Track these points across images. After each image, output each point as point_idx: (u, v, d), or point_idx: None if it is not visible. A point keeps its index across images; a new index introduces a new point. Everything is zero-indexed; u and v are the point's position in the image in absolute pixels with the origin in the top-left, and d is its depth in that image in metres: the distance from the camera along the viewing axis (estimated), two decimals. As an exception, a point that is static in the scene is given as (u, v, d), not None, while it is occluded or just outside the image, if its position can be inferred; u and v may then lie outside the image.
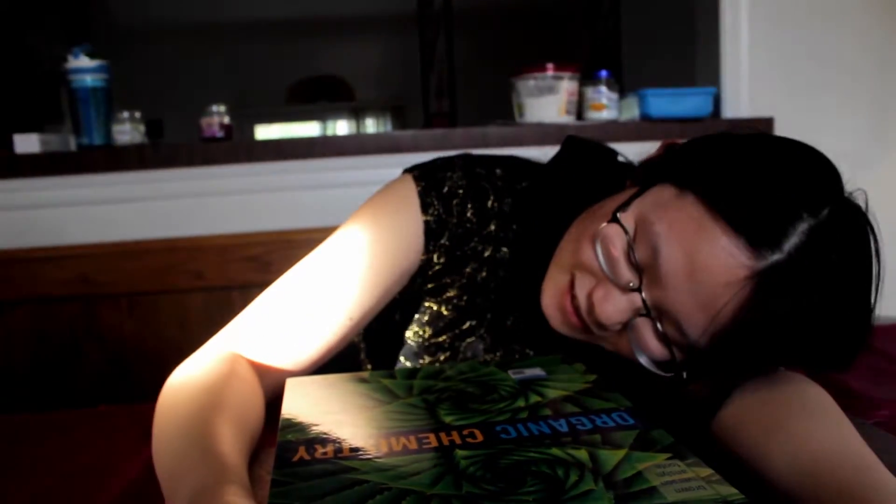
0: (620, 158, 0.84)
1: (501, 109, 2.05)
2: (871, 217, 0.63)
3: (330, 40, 5.88)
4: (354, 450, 0.53)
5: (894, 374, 0.86)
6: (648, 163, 0.75)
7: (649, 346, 0.66)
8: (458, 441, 0.54)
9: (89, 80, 1.67)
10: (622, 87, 1.82)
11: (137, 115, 1.71)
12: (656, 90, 1.74)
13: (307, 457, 0.52)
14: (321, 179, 1.68)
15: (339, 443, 0.54)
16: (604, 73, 1.79)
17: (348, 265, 0.77)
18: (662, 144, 0.74)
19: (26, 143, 1.65)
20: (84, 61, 1.66)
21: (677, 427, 0.56)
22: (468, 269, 0.83)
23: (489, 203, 0.83)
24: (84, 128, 1.69)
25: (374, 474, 0.49)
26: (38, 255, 1.65)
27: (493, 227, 0.83)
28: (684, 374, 0.65)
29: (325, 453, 0.53)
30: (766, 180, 0.61)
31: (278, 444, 0.54)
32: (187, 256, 1.64)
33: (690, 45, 1.97)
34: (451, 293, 0.84)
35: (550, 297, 0.73)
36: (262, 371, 0.74)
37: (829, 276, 0.59)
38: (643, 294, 0.65)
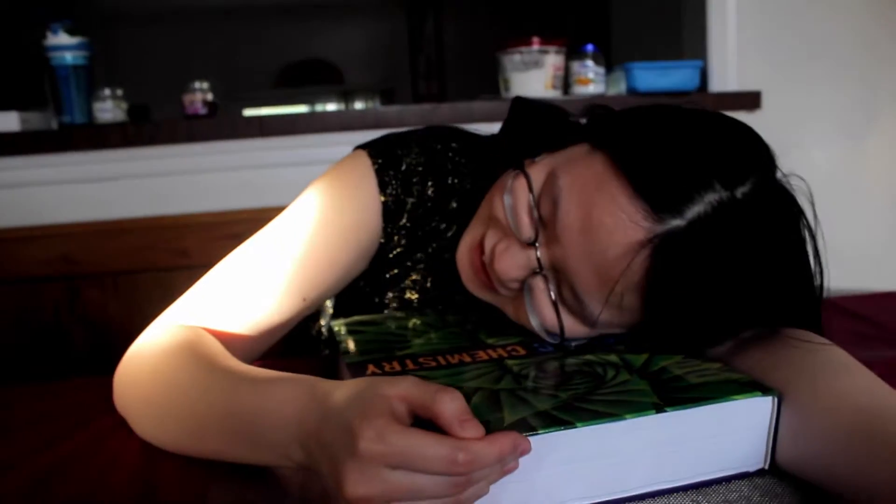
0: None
1: (491, 89, 2.04)
2: (803, 205, 0.61)
3: (318, 23, 5.82)
4: (418, 364, 0.61)
5: (879, 337, 0.86)
6: (568, 127, 0.74)
7: (542, 310, 0.64)
8: (504, 355, 0.64)
9: (69, 57, 1.65)
10: (609, 61, 1.81)
11: (119, 92, 1.69)
12: (643, 63, 1.72)
13: (378, 371, 0.60)
14: (306, 156, 1.66)
15: (403, 360, 0.63)
16: (590, 48, 1.77)
17: (303, 245, 0.74)
18: (587, 113, 0.73)
19: (6, 122, 1.63)
20: (64, 38, 1.64)
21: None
22: (430, 249, 0.82)
23: (449, 180, 0.81)
24: (65, 106, 1.66)
25: (442, 379, 0.57)
26: (19, 235, 1.63)
27: (454, 205, 0.81)
28: (572, 345, 0.65)
29: (392, 367, 0.61)
30: (681, 147, 0.59)
31: (348, 367, 0.62)
32: (171, 235, 1.63)
33: (677, 18, 1.96)
34: (415, 276, 0.83)
35: (463, 251, 0.72)
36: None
37: (731, 253, 0.57)
38: (538, 251, 0.63)
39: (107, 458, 0.62)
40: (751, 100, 1.73)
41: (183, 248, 1.63)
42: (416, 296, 0.82)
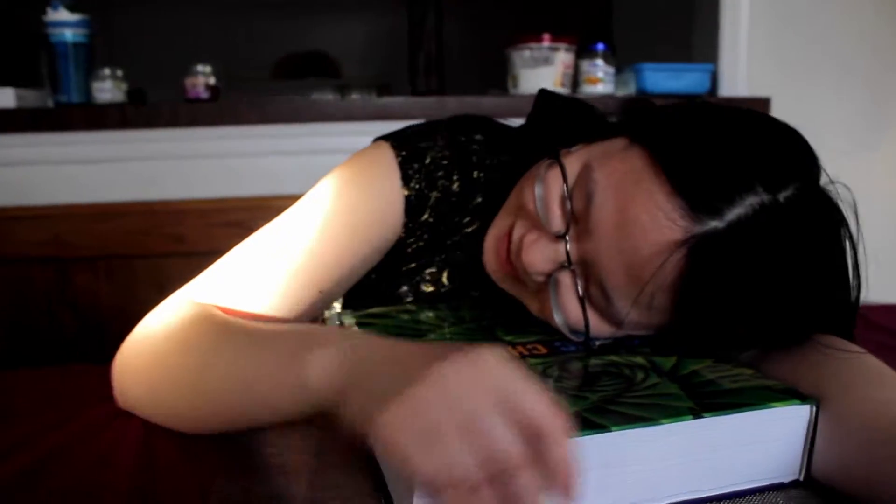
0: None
1: (491, 86, 2.01)
2: (847, 214, 0.58)
3: (317, 16, 5.77)
4: None
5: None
6: (605, 121, 0.71)
7: (567, 306, 0.62)
8: (525, 353, 0.61)
9: (69, 34, 1.60)
10: (618, 61, 1.78)
11: (119, 73, 1.65)
12: (654, 64, 1.70)
13: None
14: (307, 145, 1.63)
15: None
16: (600, 46, 1.75)
17: (322, 237, 0.70)
18: (626, 107, 0.71)
19: (1, 98, 1.58)
20: (64, 14, 1.60)
21: None
22: (450, 242, 0.79)
23: (474, 174, 0.78)
24: (62, 84, 1.62)
25: None
26: (9, 215, 1.59)
27: (479, 199, 0.78)
28: (596, 344, 0.63)
29: None
30: (723, 146, 0.57)
31: None
32: (167, 220, 1.59)
33: (687, 21, 1.93)
34: (432, 269, 0.80)
35: (490, 241, 0.69)
36: None
37: (769, 258, 0.55)
38: (569, 244, 0.61)
39: (100, 450, 0.59)
40: (760, 106, 1.71)
41: (179, 235, 1.60)
42: (432, 289, 0.79)
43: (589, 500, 0.47)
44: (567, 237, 0.61)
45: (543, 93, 0.81)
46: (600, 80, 1.76)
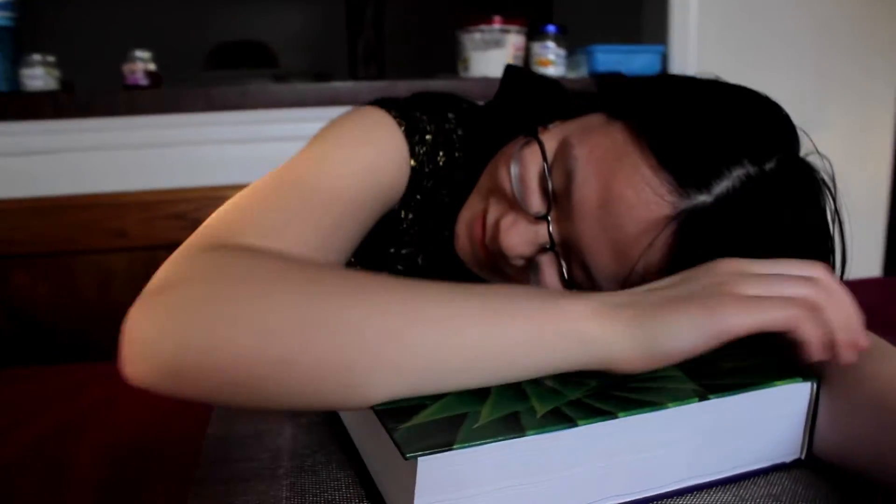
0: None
1: (434, 74, 1.98)
2: (827, 182, 0.58)
3: (250, 4, 5.64)
4: None
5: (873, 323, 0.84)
6: (581, 95, 0.69)
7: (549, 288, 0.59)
8: None
9: (-6, 18, 1.51)
10: (568, 43, 1.77)
11: (51, 59, 1.56)
12: (605, 46, 1.69)
13: None
14: (255, 132, 1.57)
15: None
16: (552, 29, 1.73)
17: (346, 186, 0.62)
18: (601, 82, 0.69)
19: (-78, 87, 1.49)
20: (-13, -3, 1.51)
21: None
22: (431, 223, 0.76)
23: (455, 153, 0.75)
24: (-12, 72, 1.53)
25: None
26: (-63, 212, 1.50)
27: (461, 178, 0.75)
28: None
29: None
30: (708, 118, 0.55)
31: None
32: (108, 214, 1.52)
33: (636, 2, 1.93)
34: (407, 251, 0.77)
35: (462, 225, 0.67)
36: None
37: (757, 231, 0.54)
38: (550, 225, 0.59)
39: (58, 461, 0.55)
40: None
41: (120, 229, 1.52)
42: (403, 269, 0.76)
43: (594, 489, 0.45)
44: (549, 218, 0.58)
45: (510, 69, 0.79)
46: (551, 62, 1.74)
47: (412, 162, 0.71)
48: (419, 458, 0.39)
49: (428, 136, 0.72)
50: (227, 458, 0.53)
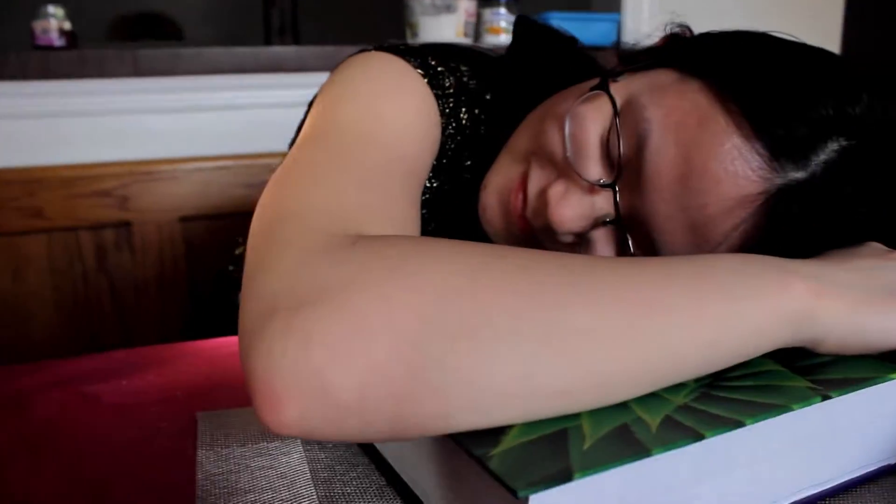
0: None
1: (387, 36, 1.86)
2: None
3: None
4: None
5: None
6: (645, 49, 0.61)
7: None
8: None
9: None
10: (521, 10, 1.69)
11: (-53, 16, 1.37)
12: (561, 14, 1.62)
13: None
14: (189, 101, 1.43)
15: None
16: (504, -6, 1.64)
17: (408, 166, 0.52)
18: (666, 35, 0.61)
19: None
20: None
21: None
22: (447, 187, 0.66)
23: (475, 110, 0.66)
24: None
25: None
26: None
27: (480, 141, 0.66)
28: None
29: None
30: (803, 83, 0.48)
31: None
32: (22, 191, 1.35)
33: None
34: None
35: (494, 193, 0.58)
36: None
37: (854, 209, 0.48)
38: (618, 195, 0.51)
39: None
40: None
41: (36, 208, 1.36)
42: None
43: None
44: (616, 188, 0.50)
45: (523, 20, 0.70)
46: (503, 29, 1.66)
47: (440, 119, 0.61)
48: (533, 495, 0.30)
49: (451, 90, 0.62)
50: (232, 488, 0.43)
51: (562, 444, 0.33)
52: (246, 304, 0.38)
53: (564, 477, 0.31)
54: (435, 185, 0.65)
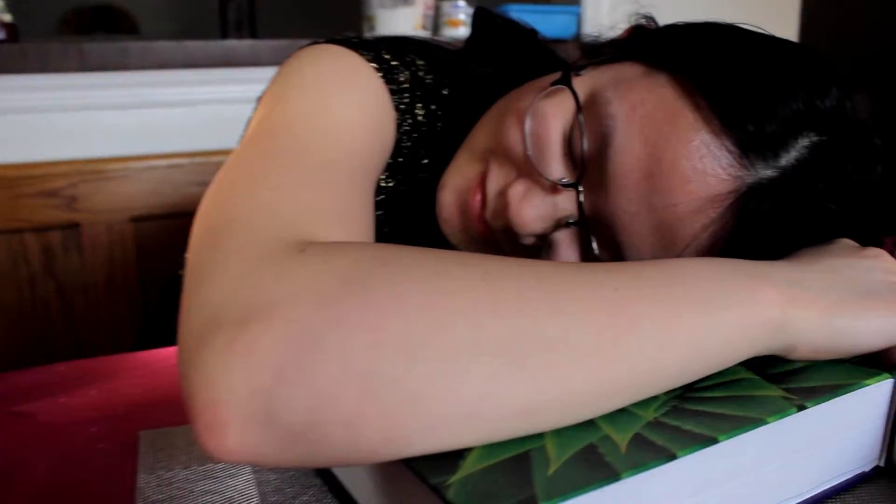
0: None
1: (344, 29, 1.83)
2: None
3: (109, -37, 5.22)
4: None
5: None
6: (608, 42, 0.59)
7: None
8: None
9: None
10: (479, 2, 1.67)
11: None
12: (521, 6, 1.60)
13: None
14: (139, 97, 1.38)
15: None
16: (462, -14, 1.62)
17: (356, 166, 0.49)
18: (630, 26, 0.59)
19: None
20: None
21: None
22: (402, 188, 0.64)
23: (431, 105, 0.63)
24: None
25: None
26: None
27: (437, 138, 0.63)
28: None
29: None
30: (772, 75, 0.47)
31: None
32: (-37, 192, 1.29)
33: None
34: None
35: (451, 193, 0.55)
36: None
37: (825, 207, 0.47)
38: (581, 195, 0.49)
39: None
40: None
41: (-22, 210, 1.30)
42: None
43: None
44: (579, 187, 0.48)
45: (482, 12, 0.68)
46: (462, 22, 1.63)
47: (395, 115, 0.58)
48: None
49: (405, 84, 0.59)
50: (176, 513, 0.40)
51: (525, 470, 0.31)
52: (186, 317, 0.35)
53: None
54: (391, 184, 0.62)
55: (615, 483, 0.30)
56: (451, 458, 0.32)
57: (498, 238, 0.53)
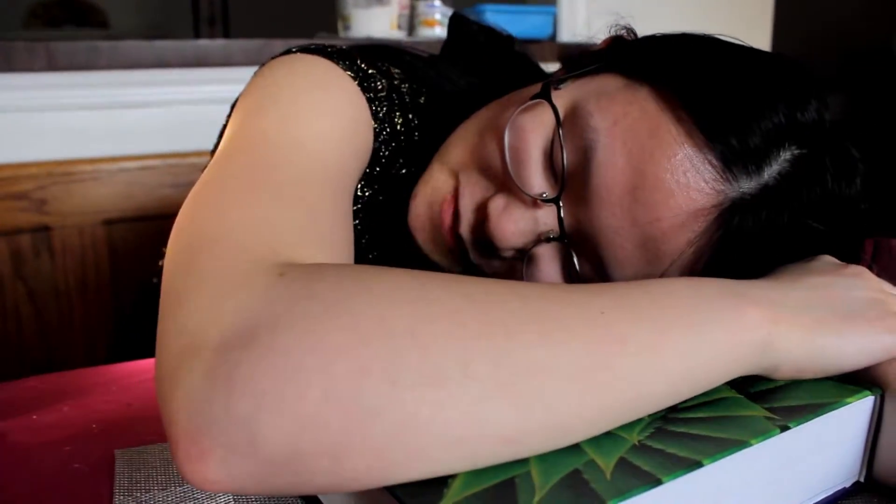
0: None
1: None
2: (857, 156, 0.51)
3: (77, -45, 5.13)
4: None
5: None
6: (588, 52, 0.59)
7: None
8: None
9: None
10: (455, 3, 1.66)
11: None
12: (496, 6, 1.59)
13: None
14: (109, 98, 1.35)
15: None
16: (438, -14, 1.61)
17: (330, 179, 0.48)
18: (608, 37, 0.59)
19: None
20: None
21: None
22: (381, 198, 0.63)
23: (409, 115, 0.63)
24: None
25: None
26: None
27: (414, 148, 0.63)
28: None
29: None
30: (754, 90, 0.47)
31: None
32: (-72, 195, 1.26)
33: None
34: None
35: (423, 204, 0.55)
36: None
37: (807, 221, 0.48)
38: (562, 210, 0.48)
39: None
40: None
41: (-55, 212, 1.27)
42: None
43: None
44: (559, 202, 0.47)
45: (458, 19, 0.67)
46: (438, 22, 1.63)
47: (374, 124, 0.58)
48: None
49: (382, 93, 0.59)
50: (154, 540, 0.39)
51: (510, 497, 0.31)
52: (162, 341, 0.34)
53: None
54: (368, 194, 0.62)
55: None
56: (436, 486, 0.31)
57: (470, 251, 0.52)
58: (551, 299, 0.35)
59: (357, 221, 0.62)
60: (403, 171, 0.62)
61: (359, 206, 0.61)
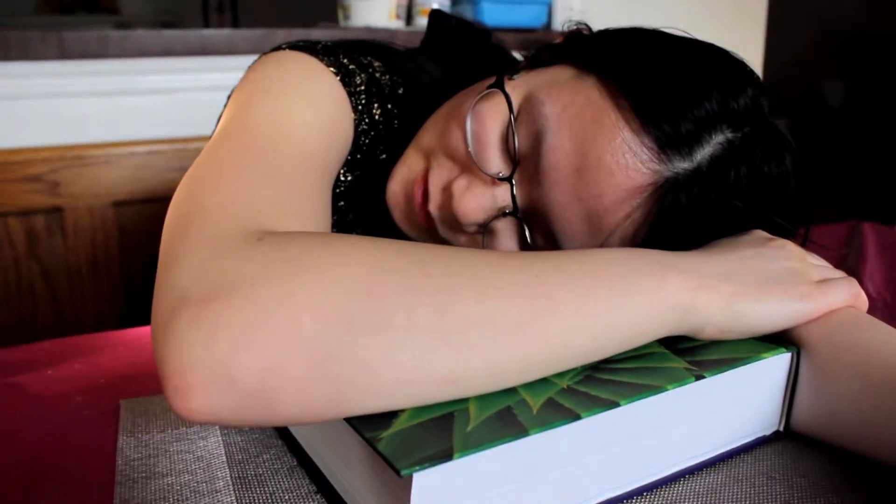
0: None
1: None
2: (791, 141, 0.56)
3: (89, -58, 5.18)
4: None
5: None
6: (546, 46, 0.64)
7: None
8: None
9: None
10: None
11: None
12: (492, -4, 1.64)
13: None
14: (119, 85, 1.41)
15: None
16: (436, -24, 1.66)
17: (316, 163, 0.54)
18: (567, 32, 0.65)
19: None
20: None
21: None
22: (363, 183, 0.69)
23: (388, 105, 0.68)
24: None
25: None
26: None
27: (393, 135, 0.68)
28: None
29: None
30: (689, 78, 0.52)
31: None
32: (-54, 177, 1.33)
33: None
34: (335, 218, 0.69)
35: (399, 183, 0.61)
36: None
37: (737, 195, 0.52)
38: (514, 188, 0.54)
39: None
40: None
41: (-38, 194, 1.34)
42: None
43: (593, 484, 0.41)
44: (513, 181, 0.53)
45: (437, 14, 0.72)
46: (437, 12, 1.67)
47: (353, 115, 0.63)
48: (416, 474, 0.33)
49: (362, 87, 0.64)
50: (151, 472, 0.45)
51: (447, 427, 0.36)
52: (158, 296, 0.40)
53: (445, 456, 0.34)
54: (350, 178, 0.67)
55: (523, 438, 0.36)
56: (386, 417, 0.37)
57: (440, 227, 0.58)
58: (493, 263, 0.41)
59: (342, 202, 0.68)
60: (383, 156, 0.67)
61: (343, 188, 0.67)
